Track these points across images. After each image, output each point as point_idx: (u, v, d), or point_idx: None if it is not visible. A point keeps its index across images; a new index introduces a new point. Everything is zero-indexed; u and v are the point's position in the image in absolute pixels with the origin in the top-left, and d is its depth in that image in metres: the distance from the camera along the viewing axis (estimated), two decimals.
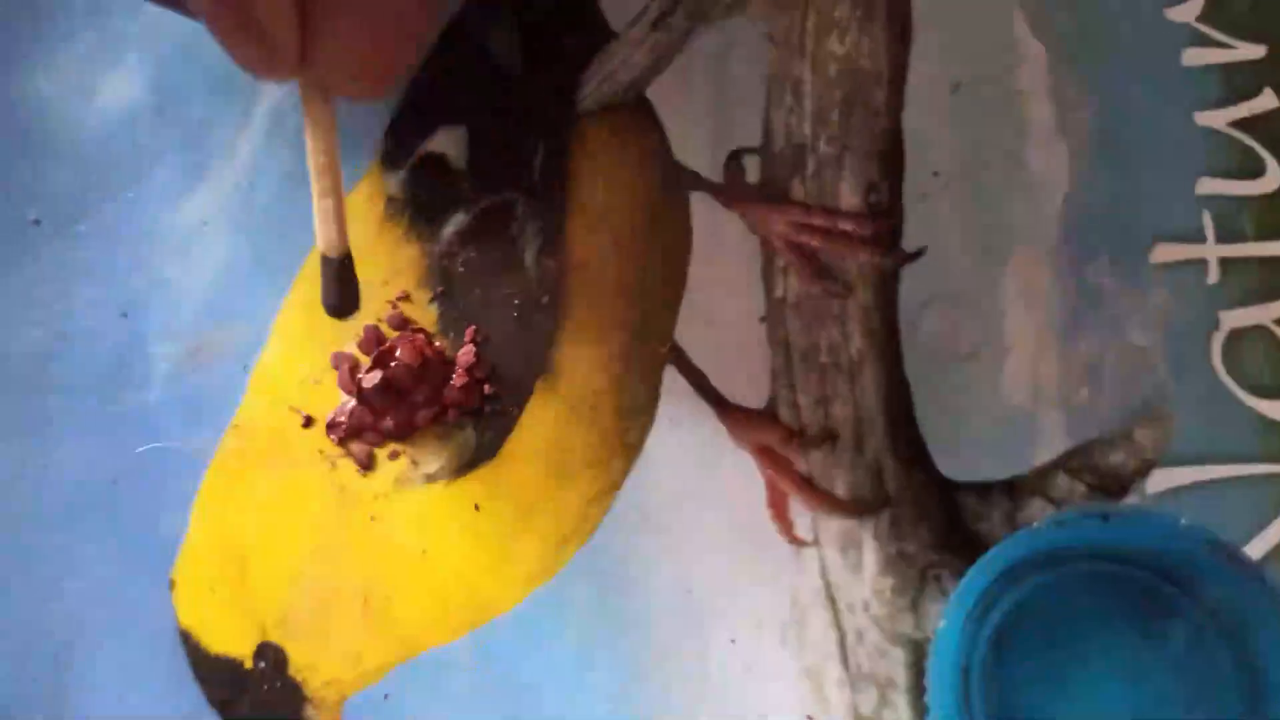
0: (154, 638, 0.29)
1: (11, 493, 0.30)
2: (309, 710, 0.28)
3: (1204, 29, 0.30)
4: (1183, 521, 0.24)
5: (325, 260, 0.26)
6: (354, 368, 0.30)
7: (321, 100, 0.24)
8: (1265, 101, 0.30)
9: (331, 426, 0.30)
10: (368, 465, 0.30)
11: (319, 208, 0.25)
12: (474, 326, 0.30)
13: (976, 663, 0.26)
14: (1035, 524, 0.26)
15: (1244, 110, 0.30)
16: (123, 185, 0.32)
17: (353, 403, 0.30)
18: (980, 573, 0.26)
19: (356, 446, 0.30)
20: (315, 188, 0.25)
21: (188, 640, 0.29)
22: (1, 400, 0.31)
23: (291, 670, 0.29)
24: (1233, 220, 0.29)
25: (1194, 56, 0.30)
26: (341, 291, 0.26)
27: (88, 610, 0.29)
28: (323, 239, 0.25)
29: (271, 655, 0.29)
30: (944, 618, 0.26)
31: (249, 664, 0.29)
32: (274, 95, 0.32)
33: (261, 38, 0.22)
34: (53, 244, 0.32)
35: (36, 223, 0.32)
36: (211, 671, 0.29)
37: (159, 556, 0.30)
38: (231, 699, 0.29)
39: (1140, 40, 0.30)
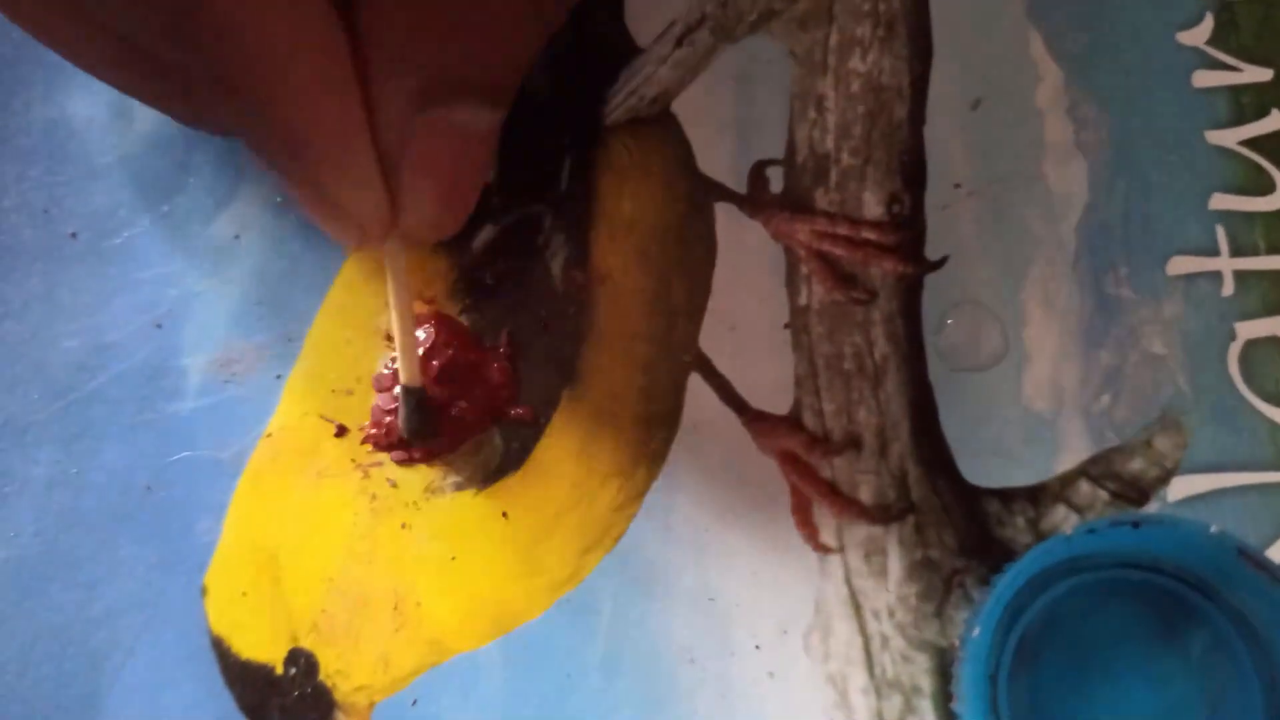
0: (186, 643, 0.29)
1: (49, 499, 0.30)
2: (339, 715, 0.28)
3: (1213, 52, 0.31)
4: (1212, 529, 0.24)
5: (406, 390, 0.28)
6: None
7: (402, 253, 0.26)
8: (1272, 122, 0.30)
9: (373, 439, 0.30)
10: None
11: (402, 344, 0.27)
12: (508, 331, 0.30)
13: (1004, 669, 0.26)
14: (1068, 532, 0.26)
15: (1252, 130, 0.30)
16: (158, 201, 0.32)
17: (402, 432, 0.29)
18: (1013, 580, 0.26)
19: (397, 455, 0.30)
20: (397, 328, 0.27)
21: (219, 646, 0.29)
22: (40, 408, 0.31)
23: (322, 676, 0.29)
24: (1245, 235, 0.29)
25: (1203, 78, 0.31)
26: (422, 417, 0.28)
27: (122, 615, 0.29)
28: (405, 372, 0.28)
29: (302, 661, 0.29)
30: (977, 625, 0.25)
31: (279, 669, 0.29)
32: None
33: (352, 220, 0.23)
34: (90, 257, 0.32)
35: (74, 236, 0.32)
36: (242, 677, 0.29)
37: (192, 563, 0.30)
38: (262, 704, 0.28)
39: (1152, 62, 0.31)
